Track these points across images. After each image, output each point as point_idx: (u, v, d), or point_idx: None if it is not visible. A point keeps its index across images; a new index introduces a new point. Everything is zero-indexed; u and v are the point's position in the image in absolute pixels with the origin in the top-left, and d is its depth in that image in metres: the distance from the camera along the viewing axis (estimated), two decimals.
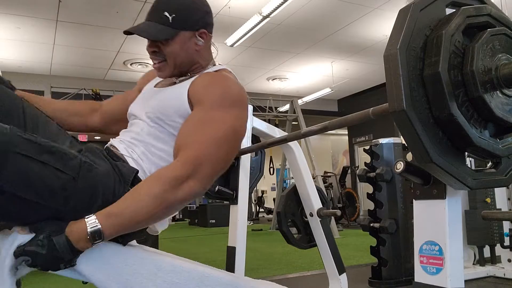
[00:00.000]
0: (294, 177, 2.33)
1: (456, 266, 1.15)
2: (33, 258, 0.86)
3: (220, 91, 1.11)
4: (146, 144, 1.14)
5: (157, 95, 1.23)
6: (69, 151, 0.94)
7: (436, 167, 1.00)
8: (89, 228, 0.89)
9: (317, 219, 2.21)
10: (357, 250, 4.57)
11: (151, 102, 1.21)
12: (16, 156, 0.81)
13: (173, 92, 1.19)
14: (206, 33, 1.21)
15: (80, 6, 5.62)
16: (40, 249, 0.85)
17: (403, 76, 0.97)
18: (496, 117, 1.01)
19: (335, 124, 1.49)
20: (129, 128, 1.24)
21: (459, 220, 1.19)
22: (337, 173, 10.39)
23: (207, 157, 1.00)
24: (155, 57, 1.19)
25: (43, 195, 0.86)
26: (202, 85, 1.14)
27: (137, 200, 0.94)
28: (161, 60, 1.18)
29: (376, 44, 7.35)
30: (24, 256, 0.85)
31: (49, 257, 0.86)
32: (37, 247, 0.85)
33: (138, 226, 0.97)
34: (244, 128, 1.12)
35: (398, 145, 2.96)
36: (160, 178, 0.97)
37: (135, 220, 0.93)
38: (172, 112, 1.14)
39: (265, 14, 5.49)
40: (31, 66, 7.79)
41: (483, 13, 1.06)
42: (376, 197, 2.90)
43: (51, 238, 0.86)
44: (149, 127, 1.16)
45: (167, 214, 1.01)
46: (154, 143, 1.14)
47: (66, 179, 0.89)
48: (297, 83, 9.65)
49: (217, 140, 1.03)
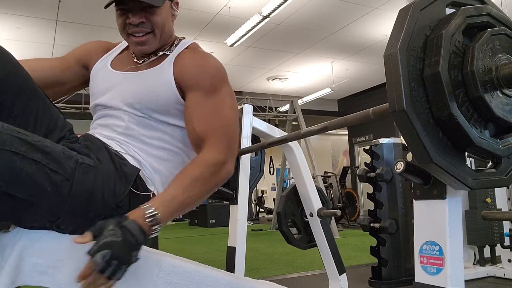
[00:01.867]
0: (294, 177, 2.33)
1: (456, 266, 1.15)
2: (112, 248, 0.80)
3: (213, 71, 1.13)
4: (138, 137, 1.12)
5: (134, 81, 1.15)
6: (66, 150, 0.92)
7: (436, 167, 1.00)
8: (147, 215, 0.90)
9: (317, 219, 2.21)
10: (357, 250, 4.57)
11: (128, 89, 1.14)
12: (7, 153, 0.79)
13: (157, 78, 1.14)
14: (178, 3, 1.22)
15: (80, 6, 5.62)
16: (115, 237, 0.82)
17: (403, 76, 0.97)
18: (496, 117, 1.00)
19: (335, 124, 1.49)
20: (106, 122, 1.15)
21: (459, 220, 1.19)
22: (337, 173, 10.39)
23: (233, 140, 1.11)
24: (141, 29, 1.12)
25: (34, 194, 0.83)
26: (191, 67, 1.13)
27: (187, 186, 0.99)
28: (148, 31, 1.13)
29: (376, 44, 7.35)
30: (103, 251, 0.80)
31: (125, 244, 0.83)
32: (112, 237, 0.82)
33: (185, 211, 1.03)
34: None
35: (398, 145, 2.96)
36: (205, 165, 1.03)
37: (185, 204, 0.99)
38: (163, 101, 1.12)
39: (265, 14, 5.49)
40: None
41: (483, 13, 1.06)
42: (376, 197, 2.90)
43: (122, 225, 0.85)
44: (137, 117, 1.12)
45: (207, 196, 1.10)
46: (145, 132, 1.12)
47: (60, 180, 0.86)
48: (297, 83, 9.64)
49: (232, 121, 1.12)
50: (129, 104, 1.13)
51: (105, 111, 1.17)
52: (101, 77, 1.21)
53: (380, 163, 2.91)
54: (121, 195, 0.98)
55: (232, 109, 1.12)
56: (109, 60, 1.24)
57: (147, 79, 1.15)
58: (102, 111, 1.18)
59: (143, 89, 1.13)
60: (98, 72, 1.23)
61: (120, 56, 1.26)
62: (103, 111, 1.18)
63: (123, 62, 1.22)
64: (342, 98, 11.08)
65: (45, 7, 5.64)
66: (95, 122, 1.20)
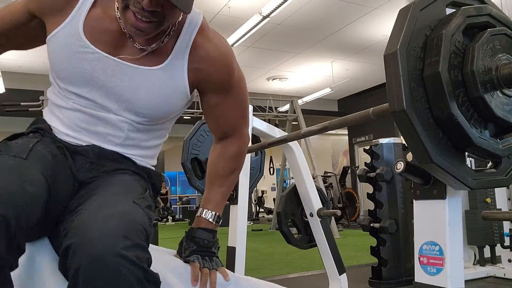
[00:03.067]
0: (294, 177, 2.33)
1: (456, 266, 1.15)
2: (198, 252, 1.03)
3: (231, 60, 1.01)
4: (138, 145, 0.99)
5: (139, 82, 0.92)
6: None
7: (436, 167, 1.00)
8: (211, 218, 1.06)
9: (317, 219, 2.21)
10: (357, 250, 4.57)
11: (132, 94, 0.92)
12: (146, 214, 0.85)
13: (169, 83, 0.94)
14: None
15: None
16: (193, 247, 1.03)
17: (403, 76, 0.97)
18: (496, 117, 1.01)
19: (335, 124, 1.49)
20: (97, 129, 0.94)
21: (460, 220, 1.19)
22: (337, 173, 10.39)
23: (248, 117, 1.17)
24: (148, 16, 0.83)
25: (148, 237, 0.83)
26: (210, 62, 0.97)
27: (229, 185, 1.14)
28: (155, 21, 0.85)
29: (376, 44, 7.34)
30: (194, 255, 1.01)
31: (201, 246, 1.03)
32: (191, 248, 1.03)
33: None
34: None
35: (398, 145, 2.96)
36: (239, 155, 1.13)
37: (227, 196, 1.14)
38: (175, 110, 1.00)
39: (265, 14, 5.49)
40: (31, 66, 7.79)
41: (483, 13, 1.06)
42: (376, 197, 2.90)
43: (192, 236, 1.04)
44: (137, 125, 0.96)
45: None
46: (144, 137, 0.99)
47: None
48: (297, 83, 9.64)
49: (248, 103, 1.14)
50: (133, 113, 0.94)
51: (91, 109, 0.93)
52: (75, 52, 0.90)
53: (380, 163, 2.91)
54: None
55: (246, 91, 1.11)
56: (79, 22, 0.90)
57: (157, 83, 0.93)
58: (87, 108, 0.93)
59: (154, 99, 0.94)
60: (67, 42, 0.90)
61: (95, 15, 0.92)
62: (88, 109, 0.93)
63: (105, 31, 0.91)
64: (342, 98, 11.07)
65: None
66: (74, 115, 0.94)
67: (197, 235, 1.03)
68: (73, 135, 0.94)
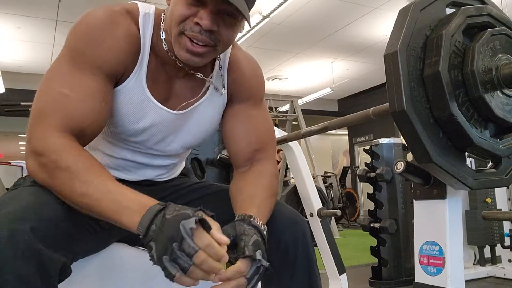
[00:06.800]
0: (294, 177, 2.33)
1: (456, 267, 1.15)
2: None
3: (262, 81, 1.06)
4: (180, 162, 1.13)
5: (194, 125, 0.99)
6: None
7: (437, 167, 1.00)
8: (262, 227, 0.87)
9: (317, 219, 2.20)
10: (357, 250, 4.57)
11: (187, 136, 1.00)
12: None
13: (213, 114, 1.01)
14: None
15: (80, 6, 5.61)
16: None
17: (403, 76, 0.97)
18: (496, 117, 1.01)
19: (335, 124, 1.49)
20: (151, 161, 1.01)
21: (460, 220, 1.19)
22: (337, 173, 10.39)
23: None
24: (205, 39, 0.83)
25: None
26: (243, 83, 1.01)
27: (268, 196, 0.94)
28: (211, 45, 0.84)
29: (376, 44, 7.34)
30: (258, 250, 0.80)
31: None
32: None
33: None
34: None
35: (398, 145, 2.96)
36: (273, 175, 1.01)
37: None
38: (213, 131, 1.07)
39: (265, 14, 5.49)
40: (31, 66, 7.79)
41: (484, 13, 1.06)
42: (376, 197, 2.90)
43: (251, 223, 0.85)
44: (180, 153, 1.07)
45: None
46: (183, 155, 1.13)
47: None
48: (297, 83, 9.64)
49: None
50: (187, 148, 1.05)
51: (142, 157, 1.00)
52: (137, 104, 0.90)
53: (380, 163, 2.91)
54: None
55: (270, 117, 1.10)
56: (142, 78, 0.90)
57: (206, 117, 1.00)
58: (138, 156, 0.99)
59: (204, 132, 1.03)
60: (131, 96, 0.90)
61: (152, 68, 0.92)
62: (140, 156, 0.99)
63: (161, 82, 0.94)
64: (342, 98, 11.07)
65: (45, 7, 5.64)
66: (123, 163, 0.99)
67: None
68: (119, 175, 1.00)
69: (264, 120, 1.05)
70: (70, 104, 0.80)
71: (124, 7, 0.89)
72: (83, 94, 0.81)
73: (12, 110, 3.52)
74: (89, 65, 0.83)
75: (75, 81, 0.82)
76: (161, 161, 1.03)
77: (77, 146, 0.79)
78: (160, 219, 0.69)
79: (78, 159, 0.76)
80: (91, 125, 0.83)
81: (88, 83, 0.82)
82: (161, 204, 0.73)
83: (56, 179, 0.76)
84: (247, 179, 0.98)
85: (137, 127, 0.92)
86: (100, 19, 0.86)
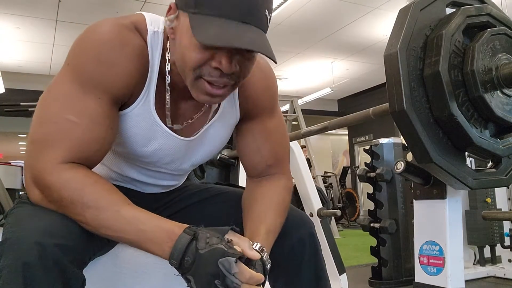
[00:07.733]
0: (294, 177, 2.33)
1: (456, 266, 1.15)
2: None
3: (276, 90, 0.99)
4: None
5: (203, 145, 0.95)
6: None
7: (437, 167, 1.00)
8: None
9: (317, 219, 2.21)
10: (357, 250, 4.57)
11: (196, 154, 0.96)
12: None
13: (224, 130, 0.96)
14: None
15: (79, 6, 5.61)
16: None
17: (403, 76, 0.97)
18: (496, 116, 1.01)
19: (335, 124, 1.49)
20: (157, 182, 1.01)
21: (460, 220, 1.19)
22: (337, 173, 10.38)
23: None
24: (225, 81, 0.77)
25: None
26: (256, 96, 0.95)
27: (278, 214, 0.91)
28: (231, 84, 0.79)
29: (376, 44, 7.34)
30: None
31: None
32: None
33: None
34: None
35: (398, 145, 2.96)
36: (286, 189, 0.97)
37: (278, 232, 0.89)
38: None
39: None
40: (31, 66, 7.78)
41: (484, 13, 1.06)
42: (376, 197, 2.90)
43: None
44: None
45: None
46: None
47: None
48: (297, 83, 9.64)
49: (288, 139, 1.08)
50: (196, 166, 1.03)
51: (158, 172, 0.98)
52: (145, 129, 0.86)
53: (380, 163, 2.90)
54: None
55: (284, 123, 1.04)
56: (150, 101, 0.85)
57: (216, 137, 0.96)
58: (154, 169, 0.96)
59: (214, 150, 1.00)
60: (139, 121, 0.85)
61: (159, 90, 0.87)
62: (148, 177, 0.98)
63: (169, 103, 0.88)
64: (342, 98, 11.07)
65: (45, 7, 5.63)
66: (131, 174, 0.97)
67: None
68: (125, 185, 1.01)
69: (278, 132, 0.99)
70: (78, 133, 0.76)
71: (132, 21, 0.82)
72: (90, 121, 0.76)
73: (12, 110, 3.52)
74: (95, 88, 0.77)
75: (80, 105, 0.76)
76: (169, 180, 1.02)
77: (82, 177, 0.75)
78: (193, 252, 0.70)
79: (90, 195, 0.73)
80: (96, 153, 0.79)
81: (95, 108, 0.77)
82: (189, 233, 0.71)
83: (70, 213, 0.74)
84: (259, 192, 0.95)
85: (146, 149, 0.88)
86: (109, 37, 0.78)
